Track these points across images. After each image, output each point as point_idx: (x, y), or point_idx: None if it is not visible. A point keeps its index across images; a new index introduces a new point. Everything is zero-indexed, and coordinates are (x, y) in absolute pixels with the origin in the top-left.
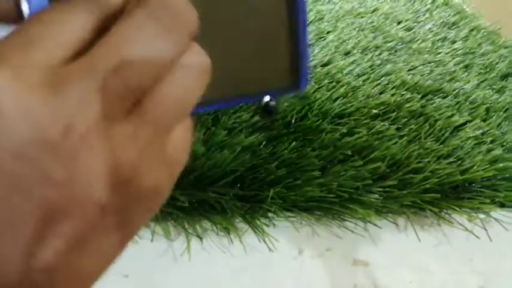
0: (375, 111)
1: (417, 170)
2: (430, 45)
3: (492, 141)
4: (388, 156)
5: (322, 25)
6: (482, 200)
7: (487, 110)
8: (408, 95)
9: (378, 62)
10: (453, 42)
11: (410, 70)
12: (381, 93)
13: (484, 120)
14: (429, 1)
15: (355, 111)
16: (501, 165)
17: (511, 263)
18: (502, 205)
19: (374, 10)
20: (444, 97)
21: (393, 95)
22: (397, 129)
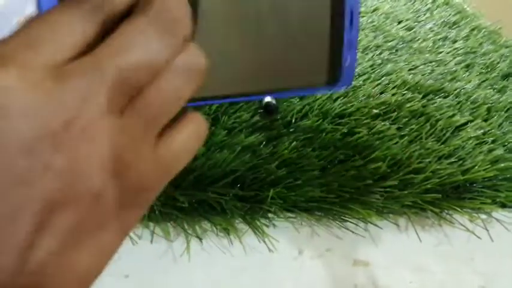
0: (376, 111)
1: (418, 170)
2: (431, 44)
3: (493, 141)
4: (389, 156)
5: None
6: (483, 200)
7: (488, 110)
8: (409, 95)
9: (379, 62)
10: (454, 41)
11: (411, 70)
12: (382, 92)
13: (485, 120)
14: (430, 0)
15: (355, 111)
16: (502, 165)
17: None
18: (503, 205)
19: (374, 9)
20: (445, 97)
21: (394, 95)
22: (398, 129)
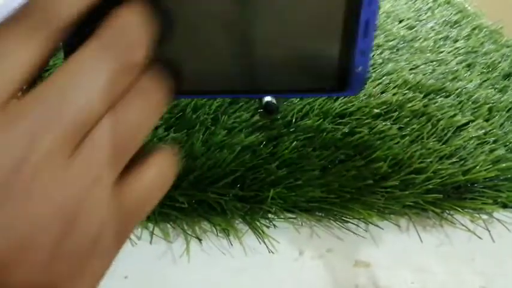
0: (377, 110)
1: (419, 170)
2: (432, 44)
3: (495, 141)
4: (390, 156)
5: None
6: (484, 201)
7: (490, 110)
8: (410, 94)
9: (380, 61)
10: (455, 41)
11: (412, 69)
12: (383, 92)
13: (487, 120)
14: None
15: (356, 110)
16: (504, 165)
17: None
18: (505, 206)
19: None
20: (446, 96)
21: (395, 94)
22: (399, 128)
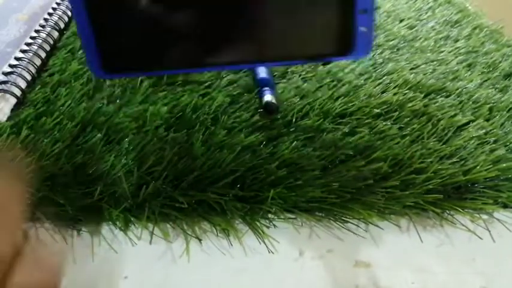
0: (377, 110)
1: (420, 171)
2: (433, 43)
3: (495, 141)
4: (391, 156)
5: None
6: (485, 201)
7: (490, 110)
8: (411, 94)
9: (380, 61)
10: (456, 40)
11: (412, 69)
12: (383, 92)
13: (487, 119)
14: None
15: (356, 110)
16: (504, 165)
17: None
18: (505, 206)
19: (376, 8)
20: (447, 96)
21: (395, 94)
22: (400, 128)
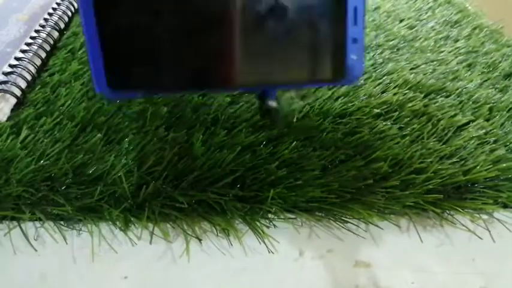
0: (377, 110)
1: (420, 171)
2: (433, 43)
3: (495, 141)
4: (391, 156)
5: None
6: (485, 201)
7: (490, 110)
8: (411, 94)
9: (380, 61)
10: (456, 40)
11: (412, 69)
12: (383, 92)
13: (487, 119)
14: None
15: (356, 110)
16: (504, 165)
17: None
18: (505, 206)
19: (376, 8)
20: (447, 96)
21: (395, 94)
22: (400, 128)
